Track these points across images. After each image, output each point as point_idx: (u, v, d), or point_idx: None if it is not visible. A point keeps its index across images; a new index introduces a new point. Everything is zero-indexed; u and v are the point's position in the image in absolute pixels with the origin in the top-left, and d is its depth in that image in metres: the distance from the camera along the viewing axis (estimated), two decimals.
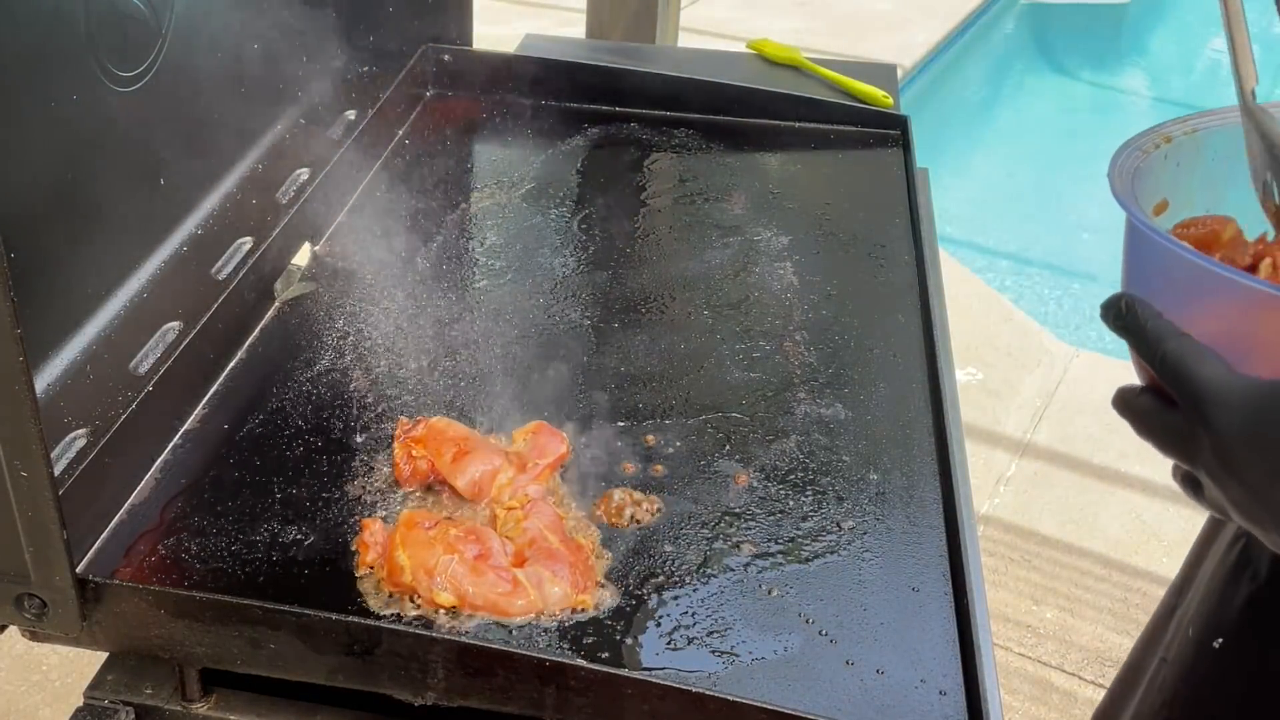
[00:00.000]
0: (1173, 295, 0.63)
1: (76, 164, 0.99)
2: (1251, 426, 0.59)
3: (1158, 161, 0.70)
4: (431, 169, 1.47)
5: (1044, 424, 2.90)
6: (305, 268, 1.28)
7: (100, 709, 0.89)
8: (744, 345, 1.20)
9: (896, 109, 1.65)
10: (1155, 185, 0.70)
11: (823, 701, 0.84)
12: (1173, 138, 0.71)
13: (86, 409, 0.95)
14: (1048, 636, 2.33)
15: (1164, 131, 0.71)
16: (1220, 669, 0.90)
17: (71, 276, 1.00)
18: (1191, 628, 0.94)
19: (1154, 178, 0.70)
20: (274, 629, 0.83)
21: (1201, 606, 0.95)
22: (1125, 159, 0.69)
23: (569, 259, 1.33)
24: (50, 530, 0.78)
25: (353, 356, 1.16)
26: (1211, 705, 0.91)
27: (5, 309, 0.69)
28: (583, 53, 1.80)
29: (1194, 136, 0.71)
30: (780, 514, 1.00)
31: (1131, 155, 0.70)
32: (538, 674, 0.81)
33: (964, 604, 0.90)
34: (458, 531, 0.92)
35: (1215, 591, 0.93)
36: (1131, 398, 0.67)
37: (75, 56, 0.97)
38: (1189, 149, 0.71)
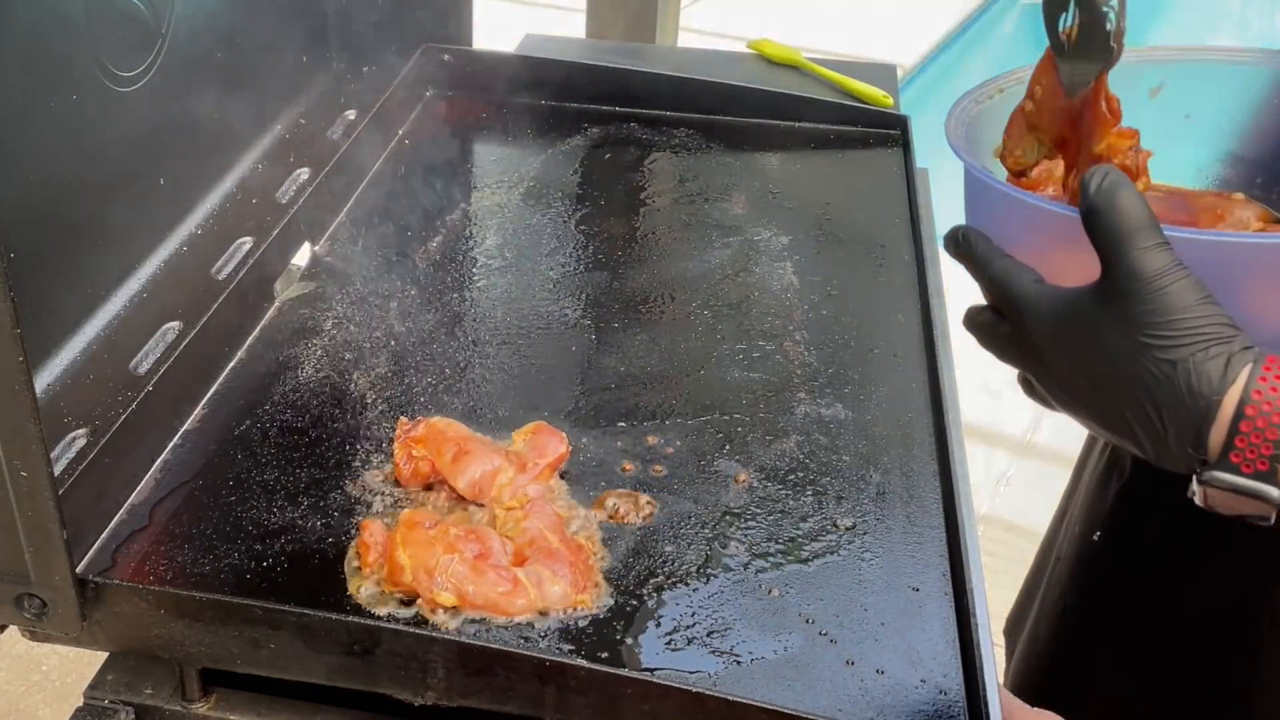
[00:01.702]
0: (995, 223, 0.72)
1: (76, 164, 0.99)
2: (1055, 328, 0.69)
3: (991, 111, 0.78)
4: (431, 169, 1.47)
5: (1044, 424, 2.90)
6: (305, 268, 1.28)
7: (100, 709, 0.89)
8: (744, 345, 1.20)
9: (896, 109, 1.65)
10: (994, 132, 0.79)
11: (823, 701, 0.84)
12: (1004, 89, 0.80)
13: (86, 409, 0.95)
14: None
15: (998, 84, 0.80)
16: (1100, 558, 1.01)
17: (71, 276, 1.00)
18: (1077, 526, 1.05)
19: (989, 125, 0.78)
20: (274, 629, 0.83)
21: (1082, 507, 1.05)
22: (961, 110, 0.78)
23: (569, 259, 1.33)
24: (50, 530, 0.78)
25: (352, 356, 1.16)
26: (1097, 591, 1.01)
27: (5, 309, 0.69)
28: (582, 53, 1.80)
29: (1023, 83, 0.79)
30: (780, 514, 1.00)
31: (966, 106, 0.78)
32: (538, 674, 0.82)
33: (964, 604, 0.90)
34: (458, 531, 0.92)
35: (1093, 490, 1.04)
36: (975, 314, 0.77)
37: (75, 56, 0.97)
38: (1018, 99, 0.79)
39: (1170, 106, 0.81)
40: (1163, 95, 0.81)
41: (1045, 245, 0.70)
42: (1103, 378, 0.66)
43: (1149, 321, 0.64)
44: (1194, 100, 0.81)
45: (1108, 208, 0.64)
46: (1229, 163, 0.82)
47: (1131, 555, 0.98)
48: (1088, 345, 0.66)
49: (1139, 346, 0.64)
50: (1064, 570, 1.06)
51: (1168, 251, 0.64)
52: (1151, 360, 0.64)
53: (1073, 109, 0.76)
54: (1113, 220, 0.64)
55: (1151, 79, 0.80)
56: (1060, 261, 0.69)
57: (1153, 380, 0.64)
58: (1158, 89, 0.81)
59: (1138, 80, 0.80)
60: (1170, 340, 0.63)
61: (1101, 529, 1.01)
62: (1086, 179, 0.65)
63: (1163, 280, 0.63)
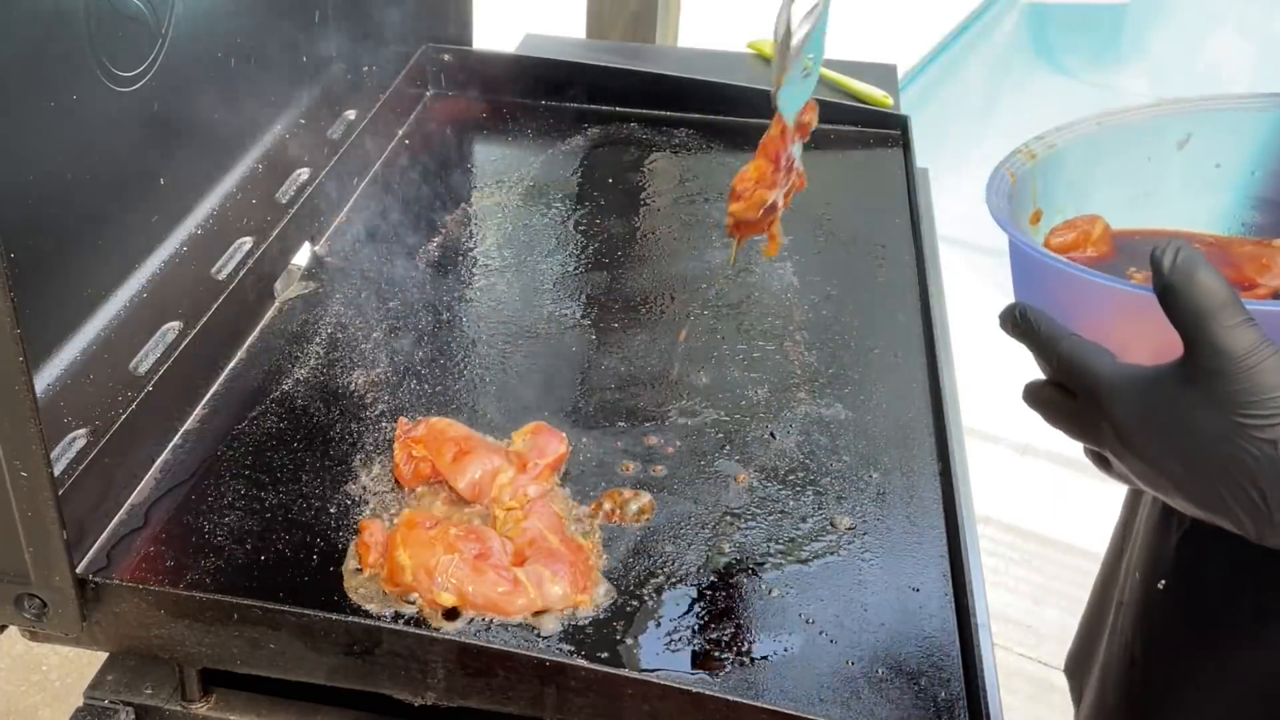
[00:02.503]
0: (1056, 300, 0.71)
1: (76, 164, 0.99)
2: (1140, 410, 0.66)
3: (1027, 177, 0.78)
4: (431, 169, 1.47)
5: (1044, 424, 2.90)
6: (305, 268, 1.28)
7: (100, 709, 0.89)
8: (744, 345, 1.20)
9: (896, 109, 1.65)
10: (1028, 197, 0.79)
11: (823, 701, 0.84)
12: (1036, 154, 0.80)
13: (86, 409, 0.95)
14: (1048, 636, 2.33)
15: (1028, 150, 0.80)
16: (1166, 609, 0.98)
17: (71, 276, 1.00)
18: (1138, 571, 1.01)
19: (1026, 192, 0.78)
20: (274, 629, 0.83)
21: (1143, 551, 1.02)
22: (999, 181, 0.77)
23: (569, 259, 1.33)
24: (50, 530, 0.78)
25: (352, 357, 1.16)
26: (1164, 643, 0.98)
27: (5, 309, 0.69)
28: (583, 53, 1.80)
29: (1054, 150, 0.80)
30: (780, 514, 1.00)
31: (1003, 177, 0.78)
32: (538, 674, 0.82)
33: (964, 604, 0.90)
34: (458, 531, 0.92)
35: (1152, 535, 1.01)
36: (1037, 390, 0.75)
37: (75, 56, 0.97)
38: (1052, 162, 0.80)
39: (1199, 157, 0.82)
40: (1191, 146, 0.81)
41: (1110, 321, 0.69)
42: (1197, 459, 0.65)
43: (1243, 401, 0.62)
44: (1222, 149, 0.82)
45: (1186, 285, 0.62)
46: (1261, 208, 0.82)
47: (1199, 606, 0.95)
48: (1178, 427, 0.65)
49: (1234, 427, 0.63)
50: (1128, 619, 1.03)
51: (1254, 328, 0.63)
52: (1249, 440, 0.62)
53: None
54: (1193, 298, 0.62)
55: (1179, 131, 0.81)
56: (1125, 336, 0.68)
57: (1253, 461, 0.63)
58: (1185, 140, 0.81)
59: (1165, 134, 0.81)
60: (1267, 419, 0.62)
61: (1166, 578, 0.98)
62: (1158, 256, 0.63)
63: (1252, 359, 0.62)
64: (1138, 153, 0.81)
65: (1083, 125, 0.81)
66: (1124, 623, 1.03)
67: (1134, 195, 0.82)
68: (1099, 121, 0.80)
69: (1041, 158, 0.79)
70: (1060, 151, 0.80)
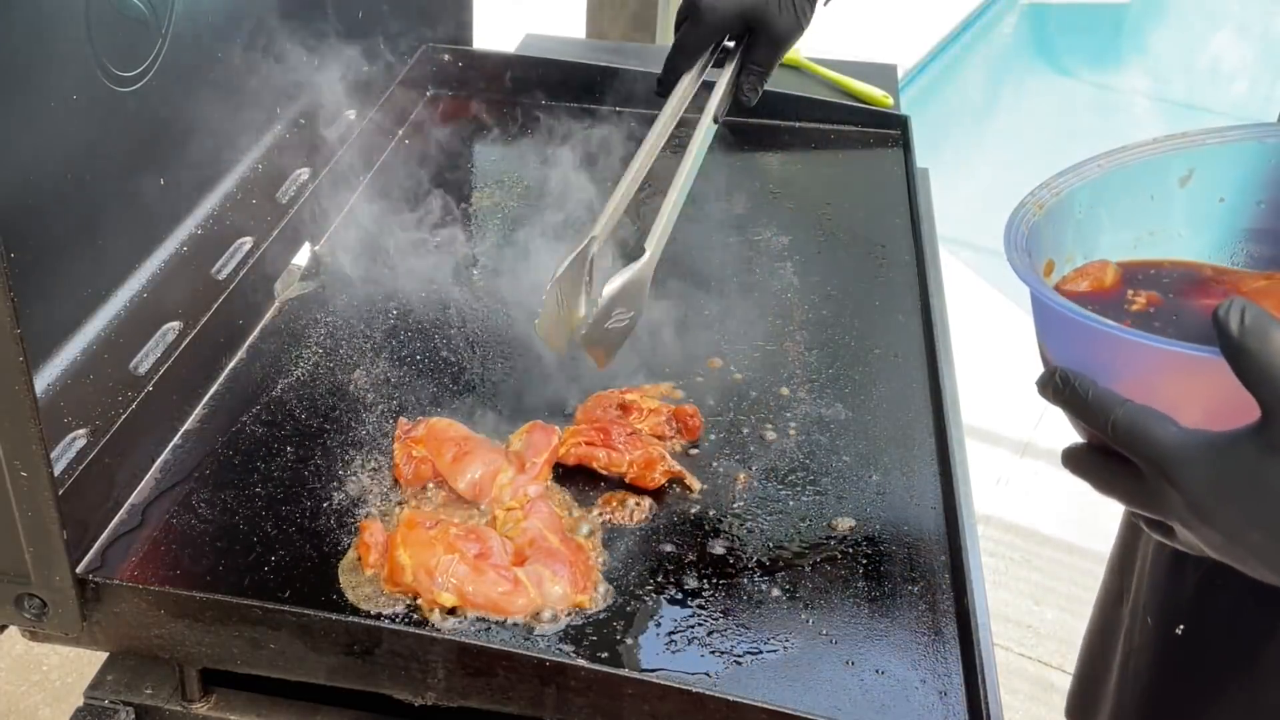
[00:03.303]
0: (1100, 363, 0.67)
1: (76, 164, 0.99)
2: (1218, 480, 0.62)
3: (1038, 228, 0.76)
4: (431, 169, 1.47)
5: (1044, 424, 2.90)
6: (305, 268, 1.28)
7: (100, 709, 0.89)
8: (744, 345, 1.20)
9: (896, 109, 1.65)
10: (1040, 248, 0.76)
11: (823, 701, 0.84)
12: (1044, 204, 0.77)
13: (86, 409, 0.95)
14: (1048, 636, 2.33)
15: (1036, 200, 0.77)
16: (1188, 654, 0.94)
17: (71, 276, 1.00)
18: (1149, 617, 0.98)
19: (1039, 242, 0.76)
20: (274, 629, 0.83)
21: (1153, 594, 0.98)
22: (1015, 236, 0.74)
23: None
24: (50, 530, 0.78)
25: (352, 357, 1.16)
26: (1188, 688, 0.95)
27: (5, 309, 0.69)
28: (583, 53, 1.80)
29: (1060, 197, 0.78)
30: (780, 514, 1.00)
31: (1018, 231, 0.75)
32: (538, 674, 0.82)
33: (964, 604, 0.90)
34: (458, 531, 0.92)
35: (1162, 578, 0.97)
36: (1083, 457, 0.70)
37: (75, 56, 0.97)
38: (1060, 210, 0.78)
39: (1203, 192, 0.80)
40: (1194, 181, 0.80)
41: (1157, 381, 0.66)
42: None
43: None
44: (1226, 182, 0.80)
45: (1261, 348, 0.59)
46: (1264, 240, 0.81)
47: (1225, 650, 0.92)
48: (1262, 496, 0.61)
49: None
50: (1143, 663, 0.99)
51: None
52: None
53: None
54: (1271, 361, 0.59)
55: (1180, 168, 0.80)
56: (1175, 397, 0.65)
57: None
58: (1188, 177, 0.80)
59: (1166, 172, 0.80)
60: None
61: (1184, 622, 0.94)
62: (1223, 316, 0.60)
63: None
64: (1141, 193, 0.80)
65: (1086, 168, 0.79)
66: (1137, 667, 1.00)
67: (1138, 236, 0.80)
68: (1100, 164, 0.79)
69: (1049, 207, 0.77)
70: (1066, 198, 0.78)
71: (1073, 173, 0.79)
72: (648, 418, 1.05)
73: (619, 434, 1.02)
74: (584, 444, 1.02)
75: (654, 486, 1.00)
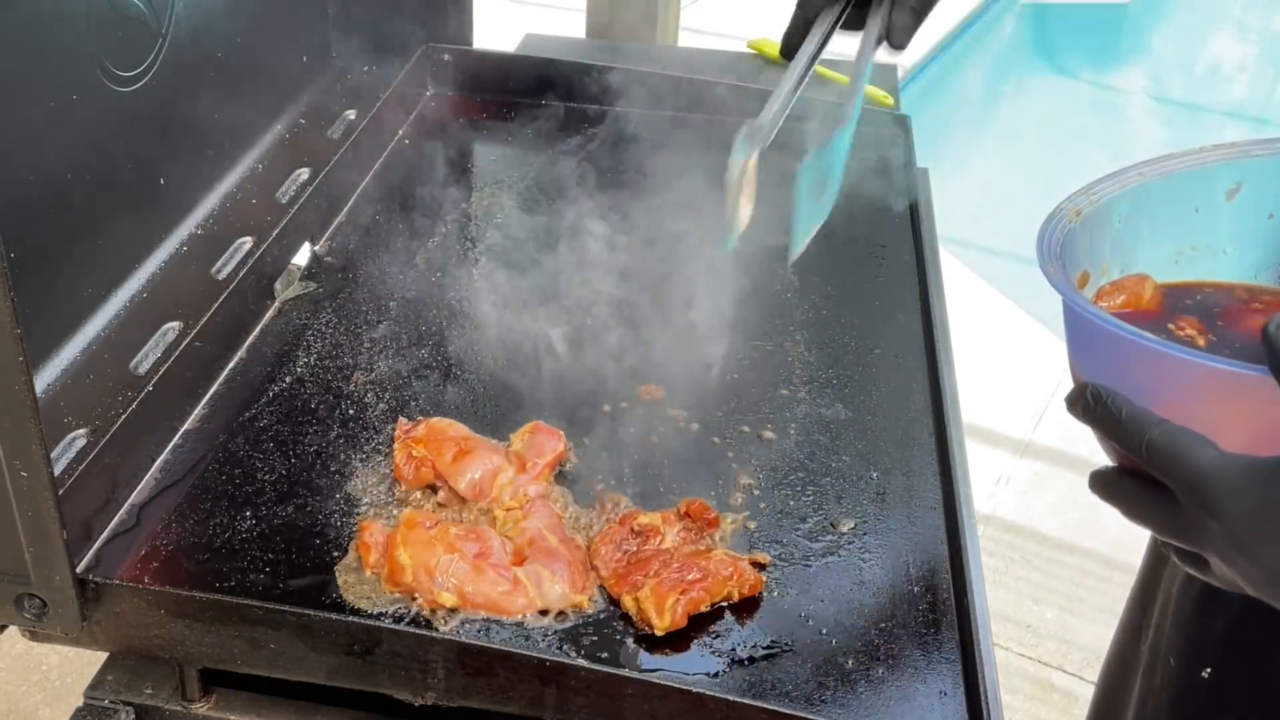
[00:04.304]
0: (1136, 381, 0.63)
1: (76, 164, 0.99)
2: (1262, 509, 0.58)
3: (1073, 236, 0.72)
4: (431, 169, 1.47)
5: (1044, 424, 2.90)
6: (305, 267, 1.28)
7: (100, 709, 0.89)
8: (744, 345, 1.20)
9: (896, 109, 1.65)
10: (1074, 258, 0.72)
11: (823, 701, 0.84)
12: (1081, 211, 0.73)
13: (86, 409, 0.95)
14: (1048, 636, 2.33)
15: (1073, 206, 0.73)
16: (1216, 700, 0.90)
17: (71, 276, 1.00)
18: (1172, 657, 0.93)
19: (1073, 251, 0.72)
20: (274, 629, 0.83)
21: (1177, 635, 0.93)
22: (1048, 244, 0.70)
23: (568, 259, 1.33)
24: (50, 530, 0.78)
25: (352, 356, 1.16)
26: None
27: (5, 309, 0.69)
28: (583, 53, 1.80)
29: (1098, 205, 0.73)
30: (780, 514, 1.00)
31: (1052, 238, 0.71)
32: (538, 674, 0.81)
33: (964, 604, 0.90)
34: (458, 531, 0.92)
35: (1188, 619, 0.92)
36: (1113, 481, 0.66)
37: (75, 56, 0.97)
38: (1097, 219, 0.73)
39: (1251, 207, 0.75)
40: (1242, 195, 0.75)
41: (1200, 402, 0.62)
42: None
43: None
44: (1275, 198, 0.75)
45: None
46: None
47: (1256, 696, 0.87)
48: None
49: None
50: (1166, 705, 0.95)
51: None
52: None
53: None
54: None
55: (1227, 180, 0.74)
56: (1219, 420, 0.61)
57: None
58: (1236, 190, 0.75)
59: (1213, 183, 0.75)
60: None
61: (1212, 666, 0.89)
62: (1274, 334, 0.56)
63: None
64: (1184, 204, 0.75)
65: (1127, 176, 0.74)
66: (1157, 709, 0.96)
67: (1180, 250, 0.76)
68: (1142, 172, 0.74)
69: (1085, 214, 0.73)
70: (1105, 206, 0.74)
71: (1112, 180, 0.74)
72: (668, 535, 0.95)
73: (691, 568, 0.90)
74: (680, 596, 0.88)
75: (760, 587, 0.92)
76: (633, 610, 0.88)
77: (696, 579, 0.89)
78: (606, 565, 0.92)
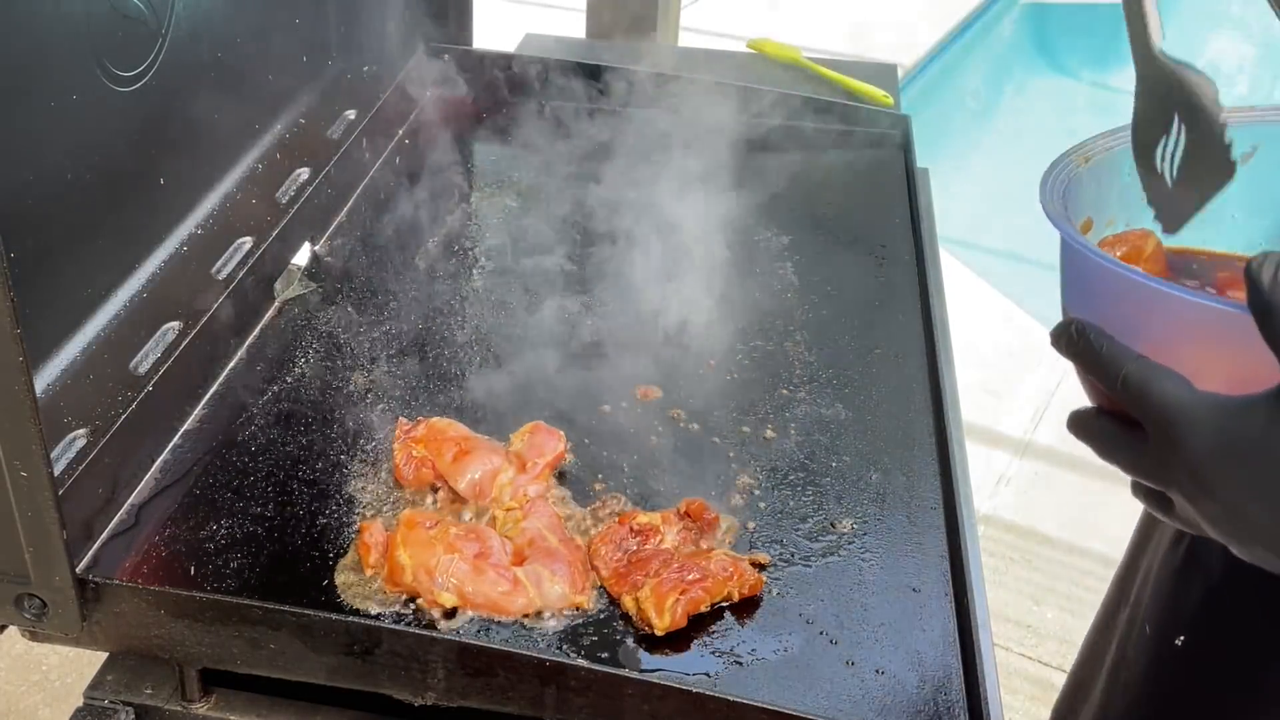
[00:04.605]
0: (1121, 317, 0.63)
1: (76, 164, 0.99)
2: (1224, 444, 0.58)
3: (1080, 181, 0.71)
4: (431, 169, 1.47)
5: (1044, 424, 2.90)
6: (305, 267, 1.28)
7: (100, 709, 0.89)
8: (744, 345, 1.20)
9: (897, 109, 1.65)
10: (1079, 204, 0.71)
11: (823, 701, 0.84)
12: (1091, 157, 0.72)
13: (86, 409, 0.95)
14: (1048, 636, 2.33)
15: (1084, 151, 0.72)
16: (1187, 667, 0.90)
17: (71, 276, 1.00)
18: (1148, 625, 0.94)
19: (1077, 196, 0.71)
20: (274, 629, 0.83)
21: (1154, 603, 0.94)
22: (1053, 181, 0.70)
23: (568, 259, 1.33)
24: (50, 530, 0.78)
25: (352, 357, 1.16)
26: (1184, 703, 0.91)
27: (5, 309, 0.69)
28: (582, 53, 1.80)
29: (1111, 154, 0.73)
30: (780, 514, 1.00)
31: (1058, 177, 0.70)
32: (538, 674, 0.81)
33: (964, 604, 0.90)
34: (458, 531, 0.92)
35: (1166, 588, 0.93)
36: (1089, 420, 0.66)
37: (75, 56, 0.97)
38: (1108, 166, 0.73)
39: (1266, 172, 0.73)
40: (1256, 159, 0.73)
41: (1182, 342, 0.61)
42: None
43: None
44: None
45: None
46: None
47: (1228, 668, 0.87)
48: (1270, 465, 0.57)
49: None
50: (1136, 674, 0.95)
51: None
52: None
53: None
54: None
55: (1243, 143, 0.72)
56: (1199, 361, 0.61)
57: None
58: (1251, 154, 0.73)
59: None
60: None
61: (1185, 633, 0.89)
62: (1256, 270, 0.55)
63: None
64: None
65: None
66: (1129, 679, 0.96)
67: None
68: None
69: (1095, 161, 0.72)
70: (1116, 156, 0.73)
71: (1126, 132, 0.73)
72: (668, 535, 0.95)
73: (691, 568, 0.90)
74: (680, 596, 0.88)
75: (760, 587, 0.92)
76: (632, 610, 0.89)
77: (696, 579, 0.89)
78: (606, 565, 0.92)
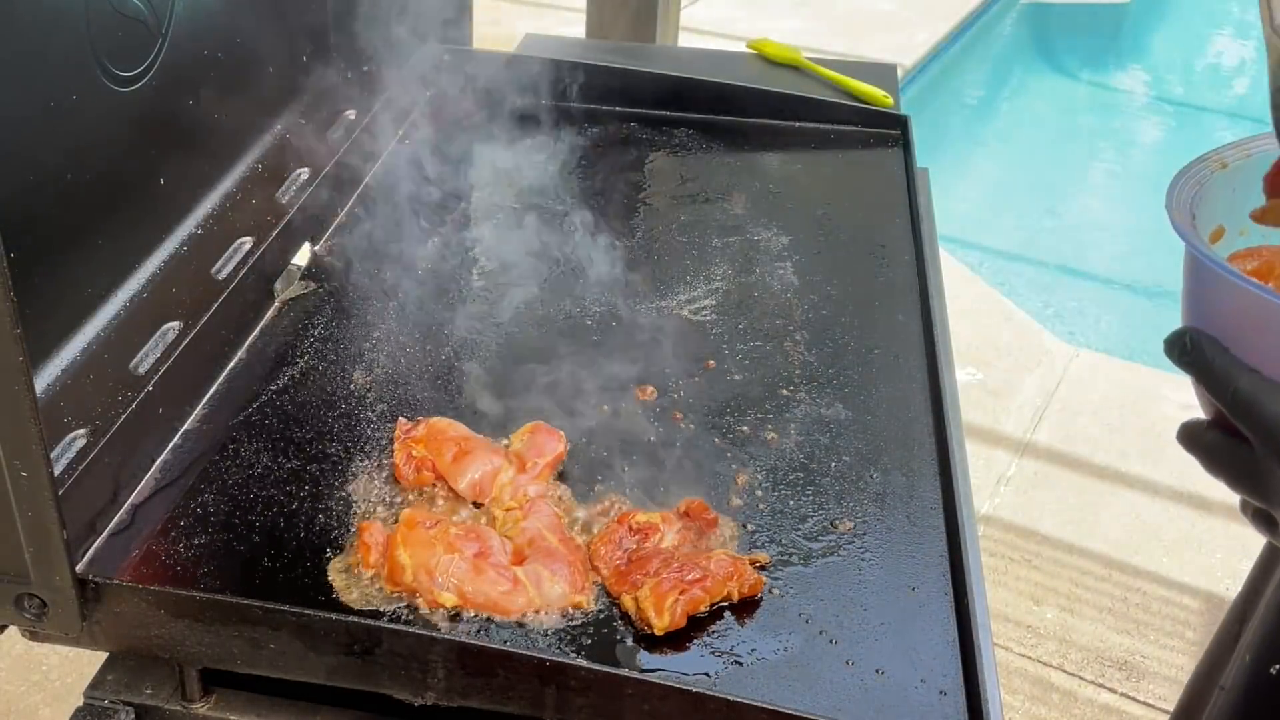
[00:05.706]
0: (1239, 331, 0.62)
1: (77, 164, 0.99)
2: None
3: (1214, 188, 0.68)
4: (431, 169, 1.47)
5: (1044, 424, 2.90)
6: (305, 267, 1.28)
7: (100, 709, 0.89)
8: (744, 345, 1.20)
9: (897, 109, 1.65)
10: (1211, 211, 0.68)
11: (823, 701, 0.84)
12: (1228, 163, 0.69)
13: (86, 409, 0.95)
14: (1048, 636, 2.33)
15: (1219, 157, 0.69)
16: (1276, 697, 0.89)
17: (71, 276, 1.00)
18: (1249, 654, 0.93)
19: (1210, 204, 0.68)
20: (274, 629, 0.83)
21: (1259, 632, 0.93)
22: (1182, 188, 0.68)
23: (568, 259, 1.33)
24: (50, 530, 0.78)
25: (352, 357, 1.16)
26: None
27: (5, 309, 0.69)
28: (583, 53, 1.80)
29: (1249, 159, 0.70)
30: (780, 514, 1.00)
31: (1188, 183, 0.68)
32: (538, 674, 0.82)
33: (964, 604, 0.90)
34: (458, 531, 0.92)
35: (1274, 617, 0.91)
36: (1199, 433, 0.65)
37: (75, 56, 0.97)
38: (1245, 174, 0.69)
39: None
40: None
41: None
42: None
43: None
44: None
45: None
46: None
47: None
48: None
49: None
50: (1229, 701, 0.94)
51: None
52: None
53: None
54: None
55: None
56: None
57: None
58: None
59: None
60: None
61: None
62: None
63: None
64: None
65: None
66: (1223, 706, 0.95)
67: None
68: None
69: (1233, 167, 0.69)
70: (1256, 161, 0.70)
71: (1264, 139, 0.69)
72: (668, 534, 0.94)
73: (691, 568, 0.90)
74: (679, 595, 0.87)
75: (760, 587, 0.91)
76: (632, 610, 0.89)
77: (696, 579, 0.89)
78: (606, 565, 0.92)
